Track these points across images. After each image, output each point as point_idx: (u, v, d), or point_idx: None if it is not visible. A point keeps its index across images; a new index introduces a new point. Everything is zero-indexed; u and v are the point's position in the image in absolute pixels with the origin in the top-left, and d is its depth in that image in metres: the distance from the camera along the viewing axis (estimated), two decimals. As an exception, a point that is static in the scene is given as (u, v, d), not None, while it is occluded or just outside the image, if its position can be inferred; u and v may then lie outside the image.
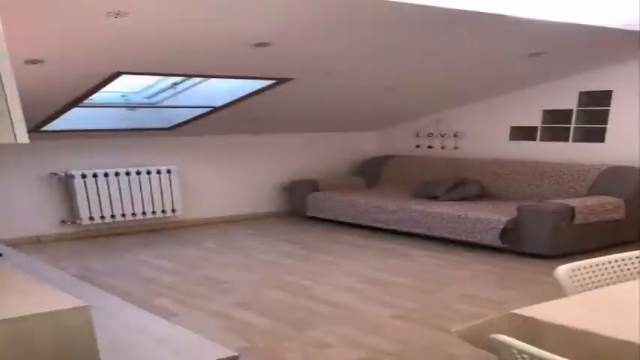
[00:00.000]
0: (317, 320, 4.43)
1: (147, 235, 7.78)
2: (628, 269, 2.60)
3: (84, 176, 7.52)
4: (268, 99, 6.98)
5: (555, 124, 7.59)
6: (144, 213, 7.96)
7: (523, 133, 7.93)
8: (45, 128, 6.95)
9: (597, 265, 2.55)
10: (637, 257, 2.63)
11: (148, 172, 7.96)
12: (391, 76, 6.66)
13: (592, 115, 7.26)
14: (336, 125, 9.18)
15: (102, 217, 7.67)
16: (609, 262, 2.58)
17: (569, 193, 6.87)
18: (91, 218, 7.60)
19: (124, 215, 7.82)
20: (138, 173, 7.89)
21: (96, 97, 6.61)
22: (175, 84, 7.19)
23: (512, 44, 5.77)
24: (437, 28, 4.97)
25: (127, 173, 7.81)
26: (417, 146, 9.25)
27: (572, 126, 7.37)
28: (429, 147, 9.08)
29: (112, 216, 7.74)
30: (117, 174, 7.74)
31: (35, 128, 6.77)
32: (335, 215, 8.15)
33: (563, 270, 2.46)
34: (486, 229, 6.33)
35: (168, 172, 8.08)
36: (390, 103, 8.09)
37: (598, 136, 7.16)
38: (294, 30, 4.73)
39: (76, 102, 6.34)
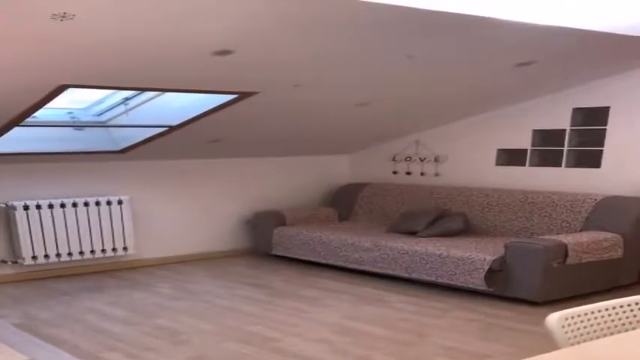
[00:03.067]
0: (284, 374, 4.39)
1: (96, 278, 7.65)
2: (627, 317, 2.57)
3: (26, 208, 7.37)
4: (230, 116, 6.93)
5: (547, 147, 7.61)
6: (92, 252, 7.82)
7: (511, 157, 7.95)
8: (-18, 152, 6.83)
9: (593, 312, 2.51)
10: (637, 304, 2.60)
11: (97, 204, 7.84)
12: (365, 89, 6.65)
13: (587, 136, 7.26)
14: (305, 148, 9.14)
15: (46, 257, 7.52)
16: (606, 309, 2.53)
17: (562, 227, 6.88)
18: (34, 257, 7.45)
19: (70, 254, 7.67)
20: (86, 204, 7.77)
21: (39, 115, 6.51)
22: (127, 99, 7.12)
23: (499, 51, 5.76)
24: (415, 33, 4.97)
25: (74, 204, 7.69)
26: (395, 172, 9.24)
27: (565, 149, 7.39)
28: (408, 173, 9.09)
29: (58, 255, 7.59)
30: (62, 205, 7.61)
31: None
32: (303, 254, 8.07)
33: (554, 318, 2.41)
34: (470, 271, 6.29)
35: (120, 203, 7.98)
36: (364, 121, 8.08)
37: (593, 160, 7.15)
38: (259, 34, 4.70)
39: (18, 120, 6.22)
